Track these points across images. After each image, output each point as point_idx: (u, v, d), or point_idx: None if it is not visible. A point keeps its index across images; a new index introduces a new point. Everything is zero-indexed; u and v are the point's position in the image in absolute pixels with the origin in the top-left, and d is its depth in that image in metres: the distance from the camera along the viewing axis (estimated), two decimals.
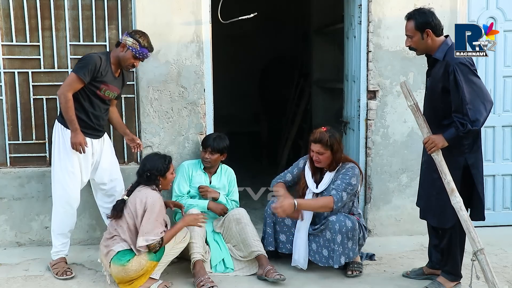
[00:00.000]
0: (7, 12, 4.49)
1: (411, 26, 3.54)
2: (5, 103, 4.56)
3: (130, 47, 3.96)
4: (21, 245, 4.64)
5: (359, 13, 4.73)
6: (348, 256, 3.94)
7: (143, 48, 3.98)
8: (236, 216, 4.19)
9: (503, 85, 5.00)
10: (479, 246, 3.35)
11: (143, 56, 4.02)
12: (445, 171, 3.43)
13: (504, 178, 5.09)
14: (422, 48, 3.59)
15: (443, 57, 3.50)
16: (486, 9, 4.90)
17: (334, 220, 3.91)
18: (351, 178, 3.97)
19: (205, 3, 4.59)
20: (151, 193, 3.75)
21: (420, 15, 3.53)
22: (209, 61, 4.63)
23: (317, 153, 3.99)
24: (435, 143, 3.44)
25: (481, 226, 4.99)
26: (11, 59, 4.55)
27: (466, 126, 3.36)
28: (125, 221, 3.72)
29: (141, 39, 3.98)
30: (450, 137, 3.43)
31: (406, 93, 3.55)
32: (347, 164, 4.05)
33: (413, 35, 3.55)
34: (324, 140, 3.95)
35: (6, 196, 4.58)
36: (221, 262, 4.11)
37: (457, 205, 3.40)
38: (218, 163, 4.46)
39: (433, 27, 3.51)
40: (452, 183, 3.41)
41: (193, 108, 4.64)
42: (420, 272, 3.97)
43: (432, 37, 3.52)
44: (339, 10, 5.53)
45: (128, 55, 3.99)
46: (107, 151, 4.23)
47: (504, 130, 5.05)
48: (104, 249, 3.76)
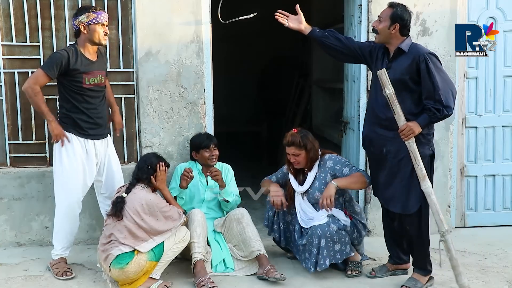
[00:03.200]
0: (7, 12, 4.49)
1: (387, 13, 3.69)
2: (5, 103, 4.57)
3: (89, 22, 3.90)
4: (21, 245, 4.64)
5: (359, 13, 4.74)
6: (335, 258, 3.94)
7: (97, 12, 3.92)
8: (237, 216, 4.19)
9: (503, 85, 5.01)
10: (446, 228, 3.58)
11: (103, 17, 3.95)
12: (418, 157, 3.58)
13: (504, 178, 5.09)
14: (384, 36, 3.71)
15: (408, 50, 3.64)
16: (486, 9, 4.90)
17: (316, 225, 3.94)
18: (342, 159, 4.09)
19: (205, 3, 4.59)
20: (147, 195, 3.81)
21: (401, 9, 3.68)
22: (209, 61, 4.64)
23: (293, 155, 4.04)
24: (412, 130, 3.56)
25: (481, 226, 5.04)
26: (11, 59, 4.55)
27: (442, 111, 3.53)
28: (124, 227, 3.73)
29: (90, 10, 3.93)
30: (425, 123, 3.60)
31: (386, 81, 3.62)
32: (325, 156, 4.11)
33: (384, 20, 3.68)
34: (297, 141, 4.01)
35: (6, 196, 4.59)
36: (222, 262, 4.11)
37: (428, 190, 3.59)
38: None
39: (403, 25, 3.65)
40: (424, 170, 3.58)
41: (193, 108, 4.64)
42: (385, 270, 4.04)
43: (397, 32, 3.66)
44: (339, 10, 5.53)
45: (94, 28, 3.92)
46: (112, 153, 4.24)
47: (504, 130, 5.05)
48: (102, 254, 3.77)
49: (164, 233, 3.79)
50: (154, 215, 3.77)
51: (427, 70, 3.53)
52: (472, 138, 5.03)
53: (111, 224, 3.79)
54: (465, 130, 5.00)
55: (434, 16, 4.74)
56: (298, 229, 4.14)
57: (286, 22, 4.06)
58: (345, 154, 5.16)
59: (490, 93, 5.00)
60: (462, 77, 4.93)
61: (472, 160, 5.05)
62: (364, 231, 4.16)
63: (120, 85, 4.65)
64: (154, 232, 3.76)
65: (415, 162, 3.58)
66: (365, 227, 4.18)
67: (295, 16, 4.08)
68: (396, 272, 4.03)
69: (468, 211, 5.09)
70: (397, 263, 4.03)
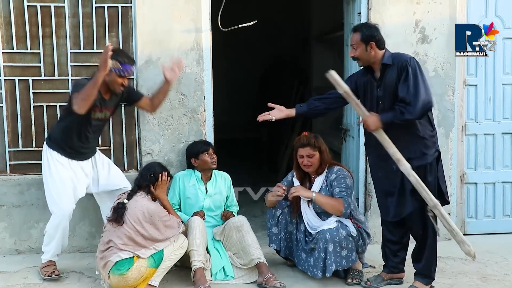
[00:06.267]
0: (8, 20, 4.51)
1: (357, 38, 3.73)
2: (6, 111, 4.57)
3: (113, 69, 3.87)
4: (20, 253, 4.63)
5: (359, 21, 4.74)
6: (341, 264, 3.93)
7: (125, 65, 3.91)
8: (237, 223, 4.18)
9: (502, 93, 5.01)
10: (433, 203, 3.58)
11: (128, 73, 3.96)
12: (389, 144, 3.59)
13: (504, 185, 5.08)
14: (365, 59, 3.76)
15: (392, 61, 3.70)
16: (485, 17, 4.91)
17: (325, 229, 3.93)
18: (346, 179, 4.02)
19: (205, 10, 4.60)
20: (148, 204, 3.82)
21: (367, 28, 3.75)
22: (209, 68, 4.64)
23: (307, 156, 4.03)
24: (368, 126, 3.64)
25: (481, 234, 5.03)
26: (11, 67, 4.56)
27: (404, 114, 3.55)
28: (123, 234, 3.73)
29: (120, 57, 3.89)
30: (386, 120, 3.61)
31: (337, 81, 3.68)
32: (334, 168, 4.09)
33: (358, 46, 3.73)
34: (312, 142, 4.03)
35: (5, 203, 4.58)
36: (221, 270, 4.11)
37: (407, 171, 3.57)
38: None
39: (377, 40, 3.71)
40: (398, 153, 3.58)
41: (193, 116, 4.64)
42: (380, 279, 4.02)
43: (375, 49, 3.71)
44: (339, 17, 5.54)
45: (114, 77, 3.91)
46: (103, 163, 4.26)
47: (504, 138, 5.05)
48: (101, 261, 3.77)
49: (163, 242, 3.80)
50: (155, 223, 3.77)
51: (406, 74, 3.59)
52: (472, 145, 5.03)
53: (110, 230, 3.79)
54: (465, 138, 5.00)
55: (434, 24, 4.75)
56: (303, 238, 4.13)
57: (271, 117, 4.05)
58: (345, 161, 5.16)
59: (489, 100, 5.01)
60: (461, 85, 4.94)
61: (472, 168, 5.05)
62: (368, 240, 4.16)
63: None
64: (154, 240, 3.77)
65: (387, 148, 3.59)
66: (369, 236, 4.17)
67: (276, 108, 4.07)
68: (391, 281, 4.00)
69: (468, 218, 5.08)
70: (392, 272, 4.01)
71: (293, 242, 4.22)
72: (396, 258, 3.97)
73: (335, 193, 3.98)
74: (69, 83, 4.57)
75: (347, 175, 4.07)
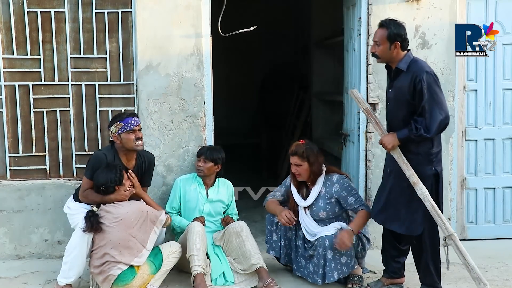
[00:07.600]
0: (8, 25, 4.52)
1: (383, 34, 3.60)
2: (6, 116, 4.58)
3: (118, 132, 3.94)
4: (20, 258, 4.63)
5: (359, 26, 4.75)
6: (342, 271, 3.92)
7: (125, 119, 3.96)
8: (237, 229, 4.17)
9: (502, 98, 5.01)
10: (449, 232, 3.53)
11: (134, 125, 3.97)
12: (407, 166, 3.55)
13: (504, 190, 5.07)
14: (386, 58, 3.67)
15: (406, 68, 3.59)
16: (485, 22, 4.90)
17: (324, 236, 3.92)
18: (350, 185, 4.07)
19: (205, 16, 4.61)
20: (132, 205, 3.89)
21: (395, 26, 3.60)
22: (209, 73, 4.65)
23: (295, 165, 4.04)
24: (385, 145, 3.60)
25: (481, 239, 5.02)
26: (11, 72, 4.57)
27: (419, 130, 3.50)
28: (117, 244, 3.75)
29: (117, 117, 4.00)
30: (402, 137, 3.57)
31: (358, 99, 3.65)
32: (333, 177, 4.08)
33: (381, 43, 3.61)
34: (300, 151, 4.00)
35: (5, 208, 4.58)
36: (221, 275, 4.09)
37: (423, 195, 3.53)
38: (213, 174, 4.44)
39: (403, 40, 3.60)
40: (415, 176, 3.53)
41: (193, 121, 4.65)
42: (380, 284, 4.00)
43: (398, 49, 3.60)
44: (339, 23, 5.56)
45: (124, 137, 3.96)
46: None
47: (504, 143, 5.04)
48: (99, 276, 3.79)
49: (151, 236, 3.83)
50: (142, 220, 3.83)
51: (421, 90, 3.49)
52: (472, 150, 5.02)
53: (102, 245, 3.78)
54: (465, 143, 5.00)
55: (434, 29, 4.75)
56: (302, 244, 4.12)
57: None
58: (345, 167, 5.16)
59: (489, 105, 5.01)
60: (461, 90, 4.94)
61: (472, 173, 5.05)
62: (367, 245, 4.15)
63: (120, 98, 4.66)
64: (144, 239, 3.80)
65: (404, 169, 3.55)
66: (368, 241, 4.17)
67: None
68: (392, 286, 3.98)
69: (469, 223, 5.07)
70: (393, 277, 3.98)
71: (292, 249, 4.21)
72: (396, 263, 3.96)
73: (350, 202, 3.99)
74: (69, 88, 4.60)
75: (348, 181, 4.09)
